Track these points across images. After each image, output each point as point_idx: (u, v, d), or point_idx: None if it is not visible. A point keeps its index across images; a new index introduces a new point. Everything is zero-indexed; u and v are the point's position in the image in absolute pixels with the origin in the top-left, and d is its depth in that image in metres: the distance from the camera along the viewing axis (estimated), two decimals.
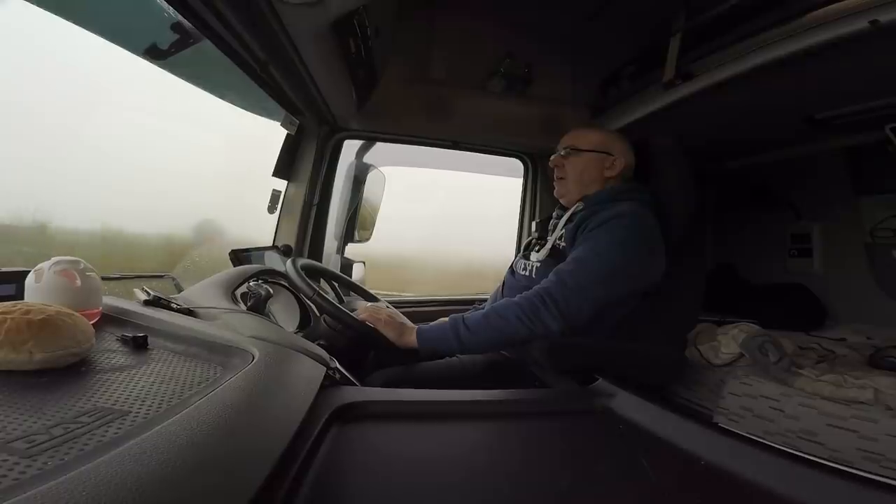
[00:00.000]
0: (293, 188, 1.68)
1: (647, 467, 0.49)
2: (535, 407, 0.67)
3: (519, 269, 1.19)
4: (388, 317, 1.01)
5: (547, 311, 0.95)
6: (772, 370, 1.38)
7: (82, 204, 1.19)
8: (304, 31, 0.99)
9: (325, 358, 0.64)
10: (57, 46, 0.97)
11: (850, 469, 0.51)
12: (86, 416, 0.37)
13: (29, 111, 0.99)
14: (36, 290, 0.60)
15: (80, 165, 1.14)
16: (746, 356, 1.45)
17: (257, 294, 0.98)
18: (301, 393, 0.50)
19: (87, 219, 1.23)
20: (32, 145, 1.01)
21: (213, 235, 1.65)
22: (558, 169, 1.18)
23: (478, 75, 1.78)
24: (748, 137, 1.89)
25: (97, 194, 1.21)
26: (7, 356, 0.43)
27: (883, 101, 1.38)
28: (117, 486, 0.26)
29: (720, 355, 1.52)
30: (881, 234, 1.84)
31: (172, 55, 1.07)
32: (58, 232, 1.13)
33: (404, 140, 1.88)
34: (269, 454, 0.36)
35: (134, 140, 1.29)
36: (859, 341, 1.72)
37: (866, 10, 0.94)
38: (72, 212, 1.16)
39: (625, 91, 1.66)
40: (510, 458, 0.54)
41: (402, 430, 0.55)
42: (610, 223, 1.02)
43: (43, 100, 1.02)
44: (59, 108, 1.06)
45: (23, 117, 0.97)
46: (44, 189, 1.07)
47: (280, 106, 1.47)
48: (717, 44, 1.25)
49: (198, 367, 0.51)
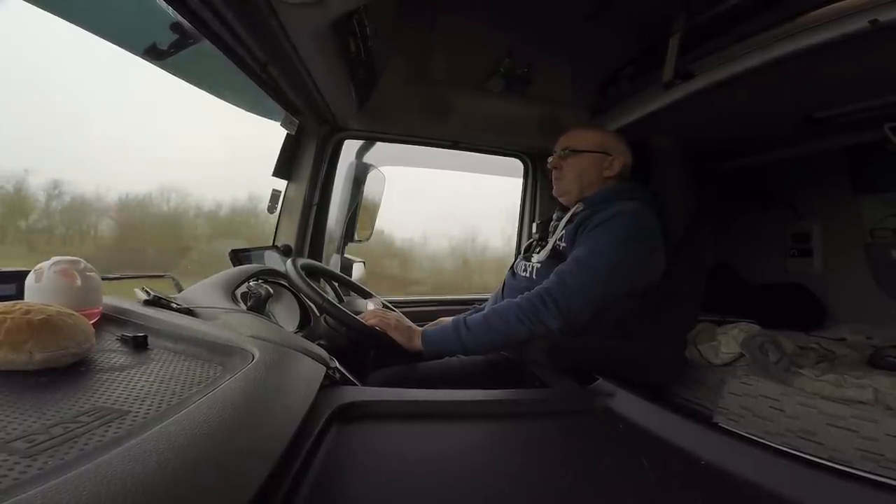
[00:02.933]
0: (293, 188, 1.68)
1: (647, 467, 0.49)
2: (535, 407, 0.67)
3: (520, 270, 1.19)
4: (397, 321, 1.01)
5: (547, 311, 0.95)
6: (772, 370, 1.37)
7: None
8: (304, 31, 0.99)
9: (325, 358, 0.64)
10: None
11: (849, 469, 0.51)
12: (86, 416, 0.37)
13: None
14: (36, 289, 0.60)
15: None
16: (746, 356, 1.45)
17: (257, 294, 0.98)
18: (301, 393, 0.50)
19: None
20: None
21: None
22: (557, 170, 1.18)
23: (478, 75, 1.78)
24: (748, 137, 1.89)
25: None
26: (7, 356, 0.43)
27: (882, 101, 1.38)
28: (117, 486, 0.26)
29: (720, 355, 1.51)
30: (881, 233, 1.84)
31: (172, 55, 1.07)
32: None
33: (404, 140, 1.88)
34: (269, 454, 0.36)
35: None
36: (859, 341, 1.72)
37: (866, 10, 0.94)
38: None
39: (624, 91, 1.66)
40: (510, 458, 0.54)
41: (402, 430, 0.55)
42: (610, 222, 1.02)
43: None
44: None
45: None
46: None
47: (280, 106, 1.47)
48: (717, 44, 1.25)
49: (198, 367, 0.51)
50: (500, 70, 1.76)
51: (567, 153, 1.16)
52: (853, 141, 1.75)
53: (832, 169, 1.94)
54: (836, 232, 2.03)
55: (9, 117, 1.05)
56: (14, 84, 1.10)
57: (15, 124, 1.05)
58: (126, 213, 1.89)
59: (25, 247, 1.64)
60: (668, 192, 1.14)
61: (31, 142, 1.21)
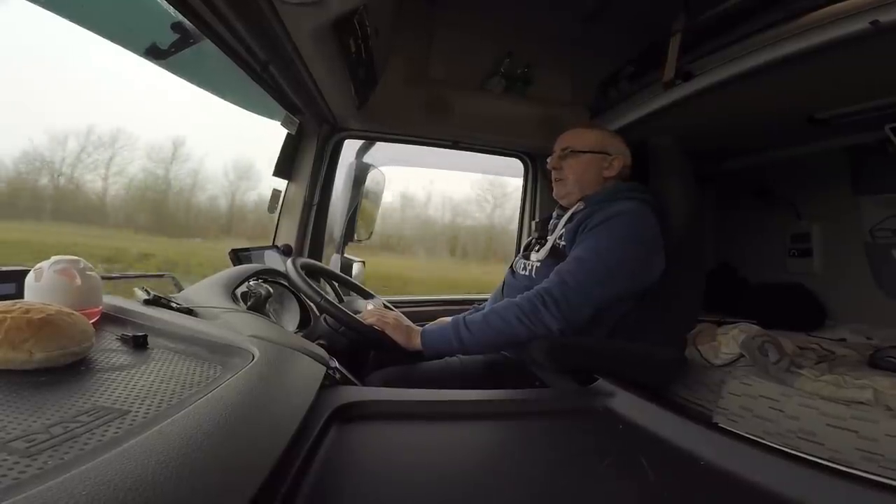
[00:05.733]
0: (293, 188, 1.68)
1: (647, 467, 0.49)
2: (535, 407, 0.67)
3: (519, 269, 1.19)
4: (395, 320, 1.00)
5: (547, 311, 0.95)
6: (771, 370, 1.37)
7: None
8: (305, 31, 0.99)
9: (325, 357, 0.64)
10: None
11: (849, 469, 0.51)
12: (85, 416, 0.37)
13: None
14: (36, 289, 0.60)
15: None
16: (746, 356, 1.45)
17: (257, 293, 0.98)
18: (301, 393, 0.50)
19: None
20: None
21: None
22: (556, 171, 1.18)
23: (478, 75, 1.78)
24: (748, 137, 1.89)
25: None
26: (7, 355, 0.43)
27: (883, 101, 1.38)
28: (117, 486, 0.26)
29: (720, 355, 1.52)
30: (881, 234, 1.84)
31: (173, 55, 1.07)
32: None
33: (404, 140, 1.88)
34: (269, 454, 0.36)
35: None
36: (859, 341, 1.72)
37: (866, 11, 0.94)
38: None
39: (624, 91, 1.66)
40: (510, 458, 0.54)
41: (402, 430, 0.55)
42: (610, 222, 1.02)
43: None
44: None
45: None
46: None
47: (280, 106, 1.47)
48: (717, 44, 1.25)
49: (198, 367, 0.51)
50: (501, 70, 1.76)
51: (566, 154, 1.16)
52: (853, 141, 1.75)
53: (833, 169, 1.94)
54: (836, 232, 2.03)
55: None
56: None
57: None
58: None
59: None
60: (668, 192, 1.14)
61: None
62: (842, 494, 0.44)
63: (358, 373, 0.80)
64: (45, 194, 1.79)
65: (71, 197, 1.86)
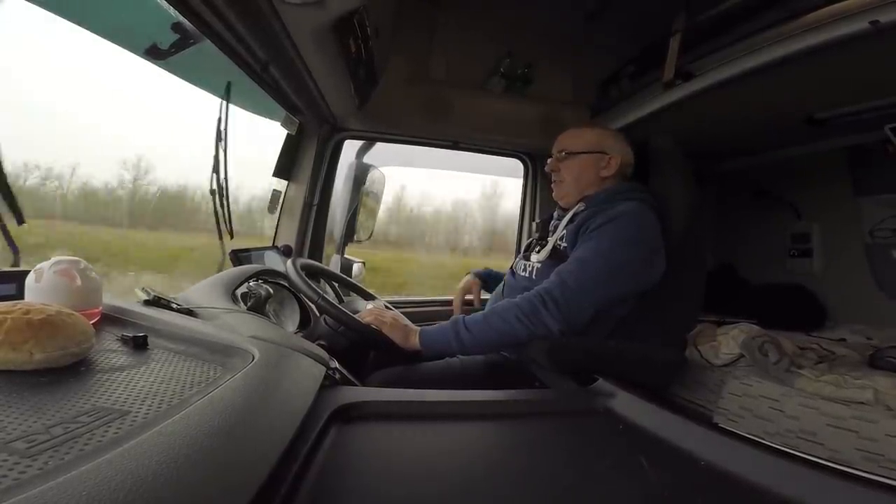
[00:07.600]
0: (293, 188, 1.68)
1: (647, 467, 0.49)
2: (535, 407, 0.67)
3: (519, 269, 1.19)
4: (393, 319, 1.00)
5: (547, 311, 0.95)
6: (771, 370, 1.37)
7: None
8: (305, 31, 0.99)
9: (325, 358, 0.64)
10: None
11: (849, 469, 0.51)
12: (86, 416, 0.37)
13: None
14: (36, 289, 0.60)
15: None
16: (746, 356, 1.45)
17: (257, 294, 0.98)
18: (301, 393, 0.50)
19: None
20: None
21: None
22: (555, 173, 1.18)
23: (478, 75, 1.78)
24: (748, 137, 1.89)
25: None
26: (7, 356, 0.43)
27: (882, 101, 1.38)
28: (117, 486, 0.26)
29: (720, 355, 1.51)
30: (881, 234, 1.84)
31: (173, 55, 1.07)
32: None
33: (404, 140, 1.88)
34: (268, 454, 0.36)
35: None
36: (859, 341, 1.72)
37: (866, 11, 0.94)
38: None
39: (625, 91, 1.66)
40: (510, 458, 0.54)
41: (402, 430, 0.55)
42: (611, 223, 1.02)
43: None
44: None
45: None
46: None
47: (280, 106, 1.47)
48: (717, 44, 1.25)
49: (198, 367, 0.51)
50: (501, 70, 1.76)
51: (563, 156, 1.16)
52: (853, 142, 1.75)
53: (832, 169, 1.94)
54: (836, 232, 2.03)
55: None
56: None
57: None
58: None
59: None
60: (668, 192, 1.14)
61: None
62: (842, 494, 0.44)
63: (358, 373, 0.80)
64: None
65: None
